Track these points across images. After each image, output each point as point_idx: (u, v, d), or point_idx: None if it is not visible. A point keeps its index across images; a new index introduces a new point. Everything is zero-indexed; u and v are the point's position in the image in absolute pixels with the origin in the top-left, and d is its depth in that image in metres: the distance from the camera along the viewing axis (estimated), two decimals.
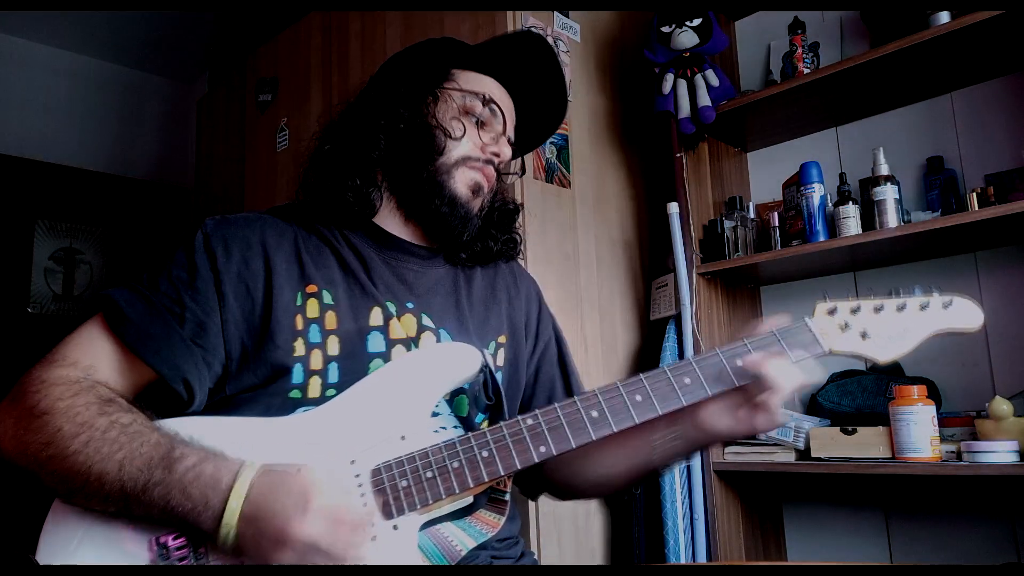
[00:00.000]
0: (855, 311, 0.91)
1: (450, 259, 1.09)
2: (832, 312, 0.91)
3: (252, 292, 0.93)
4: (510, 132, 1.08)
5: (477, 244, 1.09)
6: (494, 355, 1.07)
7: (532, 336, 1.14)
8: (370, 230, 1.04)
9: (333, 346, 0.93)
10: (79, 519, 0.79)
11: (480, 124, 1.04)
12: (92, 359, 0.87)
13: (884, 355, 0.89)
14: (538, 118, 1.17)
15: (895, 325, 0.90)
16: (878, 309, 0.91)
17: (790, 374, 0.85)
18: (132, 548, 0.78)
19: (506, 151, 1.06)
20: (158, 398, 0.89)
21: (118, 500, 0.77)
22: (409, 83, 1.04)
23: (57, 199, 3.63)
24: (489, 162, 1.04)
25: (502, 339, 1.08)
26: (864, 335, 0.90)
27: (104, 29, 3.59)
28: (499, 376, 1.00)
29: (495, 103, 1.05)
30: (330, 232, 1.02)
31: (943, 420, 1.67)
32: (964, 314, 0.90)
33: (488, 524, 0.92)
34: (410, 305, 1.01)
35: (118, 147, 3.88)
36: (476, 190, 1.04)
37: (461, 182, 1.02)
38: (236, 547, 0.75)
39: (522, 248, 1.19)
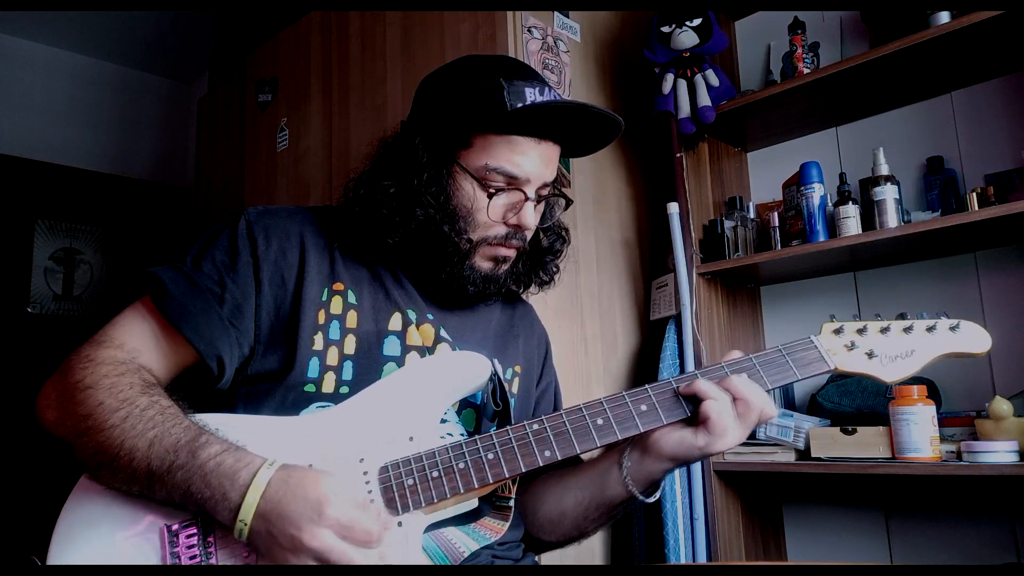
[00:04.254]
0: (861, 331, 0.92)
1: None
2: (838, 331, 0.92)
3: (286, 282, 0.96)
4: (540, 184, 1.01)
5: (513, 286, 1.09)
6: (510, 381, 1.08)
7: (536, 379, 1.16)
8: (405, 260, 1.03)
9: (350, 345, 0.95)
10: (98, 500, 0.81)
11: (500, 192, 0.98)
12: (137, 342, 0.90)
13: (890, 375, 0.90)
14: (589, 141, 1.08)
15: (901, 346, 0.91)
16: (884, 330, 0.92)
17: (720, 393, 0.87)
18: (145, 532, 0.80)
19: (528, 220, 0.99)
20: (190, 378, 0.93)
21: (143, 479, 0.78)
22: (426, 159, 0.98)
23: (57, 199, 3.63)
24: (510, 236, 1.00)
25: (518, 368, 1.10)
26: (870, 355, 0.91)
27: (104, 29, 3.59)
28: (512, 402, 1.01)
29: (513, 178, 0.98)
30: (367, 254, 1.03)
31: (943, 420, 1.67)
32: (971, 338, 0.91)
33: (492, 530, 0.93)
34: (431, 316, 1.02)
35: (118, 147, 3.88)
36: (499, 261, 1.02)
37: (481, 259, 1.01)
38: (249, 541, 0.76)
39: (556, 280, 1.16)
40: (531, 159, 0.98)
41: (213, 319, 0.90)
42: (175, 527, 0.79)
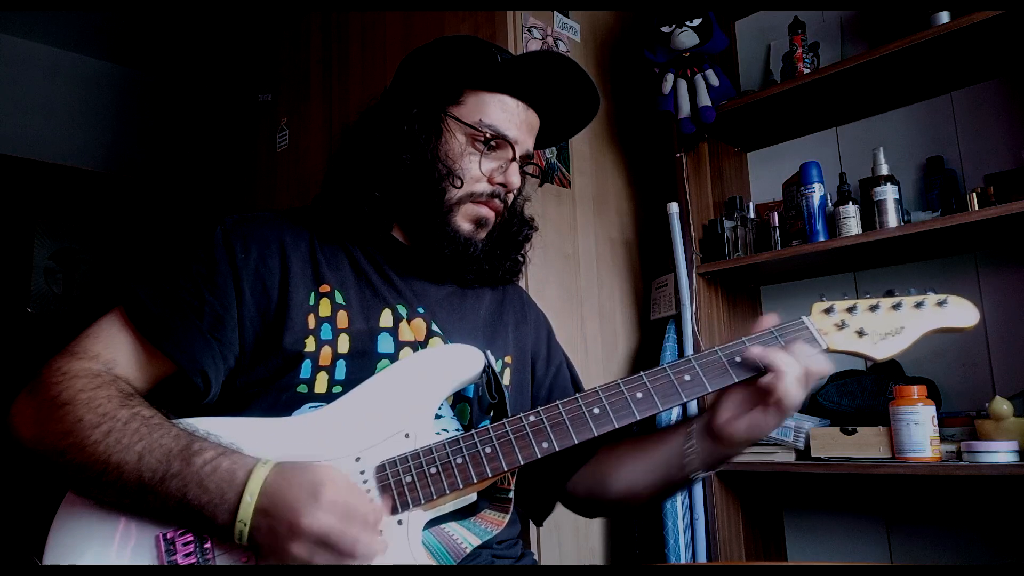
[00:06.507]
0: (851, 310, 0.92)
1: (458, 280, 1.09)
2: (828, 311, 0.93)
3: (268, 289, 0.95)
4: (523, 151, 1.05)
5: (485, 264, 1.09)
6: (500, 373, 1.07)
7: (543, 361, 1.16)
8: (384, 243, 1.05)
9: (343, 344, 0.95)
10: (89, 512, 0.79)
11: (489, 150, 1.02)
12: (113, 353, 0.88)
13: (880, 352, 0.90)
14: (568, 117, 1.13)
15: (890, 323, 0.91)
16: (873, 308, 0.92)
17: (791, 362, 0.85)
18: (140, 543, 0.78)
19: (514, 179, 1.03)
20: (173, 391, 0.91)
21: (134, 491, 0.77)
22: (416, 111, 1.02)
23: (57, 199, 3.63)
24: (495, 195, 1.03)
25: (508, 359, 1.09)
26: (860, 333, 0.91)
27: (104, 29, 3.59)
28: (505, 395, 1.01)
29: (503, 136, 1.02)
30: (346, 241, 1.04)
31: (943, 420, 1.67)
32: (959, 312, 0.92)
33: (492, 523, 0.93)
34: (421, 310, 1.02)
35: (118, 147, 3.88)
36: (480, 223, 1.04)
37: (463, 218, 1.02)
38: (251, 540, 0.75)
39: (524, 269, 1.17)
40: (519, 124, 1.03)
41: (193, 333, 0.89)
42: (171, 534, 0.78)
